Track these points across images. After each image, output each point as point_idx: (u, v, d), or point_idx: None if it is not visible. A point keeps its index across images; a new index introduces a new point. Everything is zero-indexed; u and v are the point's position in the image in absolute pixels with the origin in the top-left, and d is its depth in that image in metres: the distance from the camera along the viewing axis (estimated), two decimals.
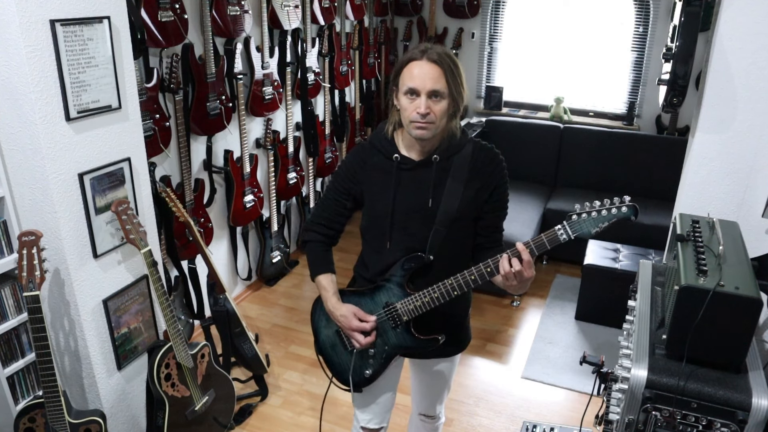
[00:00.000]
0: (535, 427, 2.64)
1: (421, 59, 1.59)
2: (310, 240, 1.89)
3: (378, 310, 1.79)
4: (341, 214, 1.85)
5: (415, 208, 1.72)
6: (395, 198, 1.71)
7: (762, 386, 1.49)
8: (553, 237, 1.55)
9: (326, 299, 1.82)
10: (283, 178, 3.99)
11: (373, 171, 1.75)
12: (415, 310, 1.73)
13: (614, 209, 1.52)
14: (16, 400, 2.26)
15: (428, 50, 1.59)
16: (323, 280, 1.84)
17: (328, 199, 1.85)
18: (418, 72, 1.58)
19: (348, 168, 1.79)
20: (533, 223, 4.11)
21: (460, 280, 1.65)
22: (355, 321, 1.76)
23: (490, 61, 5.30)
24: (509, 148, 4.94)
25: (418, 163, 1.71)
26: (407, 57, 1.62)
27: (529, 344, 3.51)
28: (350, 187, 1.79)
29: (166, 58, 2.88)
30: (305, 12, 3.89)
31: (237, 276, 3.85)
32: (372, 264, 1.83)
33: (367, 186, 1.76)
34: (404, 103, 1.62)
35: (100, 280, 2.27)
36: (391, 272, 1.76)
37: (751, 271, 1.58)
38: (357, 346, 1.78)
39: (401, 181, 1.71)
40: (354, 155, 1.80)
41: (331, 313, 1.81)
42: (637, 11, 4.68)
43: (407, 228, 1.73)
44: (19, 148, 2.02)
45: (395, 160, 1.71)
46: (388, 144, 1.74)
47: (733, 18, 2.06)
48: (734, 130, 2.16)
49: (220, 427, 2.66)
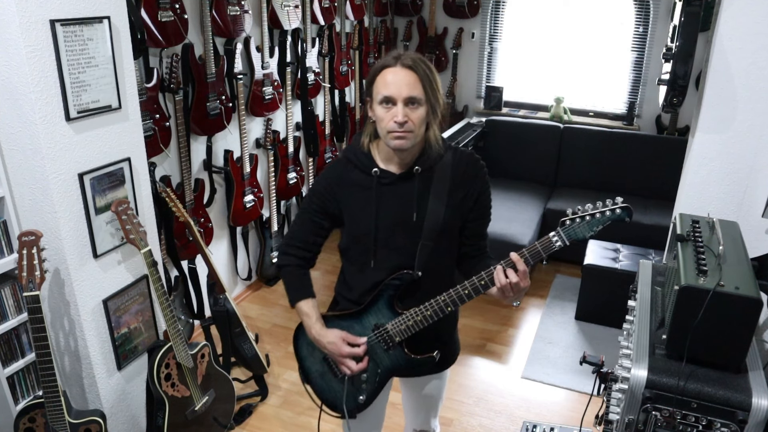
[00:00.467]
0: (535, 427, 2.64)
1: (395, 65, 1.52)
2: (286, 264, 1.77)
3: (367, 332, 1.70)
4: (318, 235, 1.74)
5: (399, 223, 1.63)
6: (378, 214, 1.63)
7: (762, 386, 1.49)
8: (548, 245, 1.50)
9: (310, 326, 1.73)
10: (283, 178, 3.99)
11: (352, 187, 1.65)
12: (407, 330, 1.65)
13: (608, 212, 1.47)
14: (16, 400, 2.26)
15: (402, 56, 1.53)
16: (304, 306, 1.74)
17: (304, 220, 1.74)
18: (392, 78, 1.51)
19: (324, 186, 1.69)
20: (533, 223, 4.11)
21: (454, 296, 1.59)
22: (345, 347, 1.68)
23: (490, 61, 5.30)
24: (509, 148, 5.00)
25: (398, 176, 1.62)
26: (380, 64, 1.54)
27: (529, 344, 3.51)
28: (327, 206, 1.69)
29: (166, 58, 2.88)
30: (305, 12, 3.89)
31: (237, 276, 3.85)
32: (356, 284, 1.73)
33: (346, 204, 1.67)
34: (380, 113, 1.54)
35: (100, 280, 2.27)
36: (379, 292, 1.68)
37: (751, 271, 1.58)
38: (348, 373, 1.70)
39: (382, 196, 1.63)
40: (329, 172, 1.70)
41: (317, 341, 1.72)
42: (637, 11, 4.68)
43: (392, 244, 1.65)
44: (19, 148, 2.02)
45: (374, 174, 1.62)
46: (365, 158, 1.64)
47: (733, 18, 2.06)
48: (734, 130, 2.16)
49: (220, 427, 2.65)
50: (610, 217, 1.47)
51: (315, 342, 1.73)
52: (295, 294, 1.76)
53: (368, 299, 1.70)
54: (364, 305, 1.71)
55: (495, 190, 4.54)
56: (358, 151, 1.65)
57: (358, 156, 1.65)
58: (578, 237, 1.48)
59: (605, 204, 1.48)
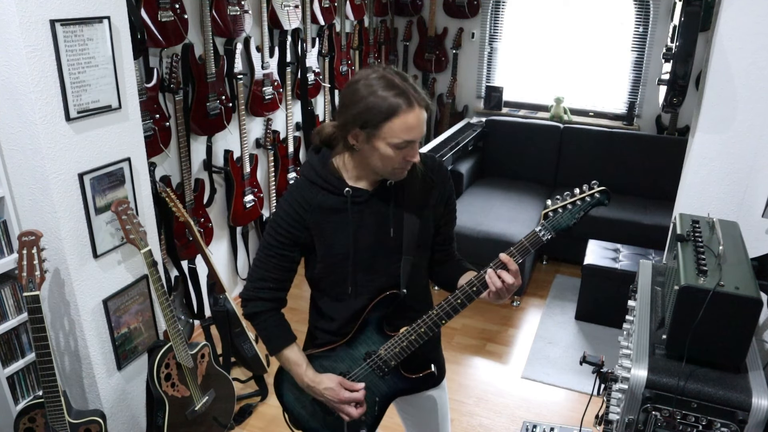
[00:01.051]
0: (535, 427, 2.64)
1: (414, 107, 1.36)
2: (259, 311, 1.59)
3: (358, 364, 1.60)
4: (290, 270, 1.58)
5: (378, 243, 1.53)
6: (355, 236, 1.51)
7: (762, 386, 1.49)
8: (536, 239, 1.44)
9: (300, 375, 1.59)
10: (283, 178, 3.99)
11: (322, 212, 1.50)
12: (402, 352, 1.55)
13: (588, 197, 1.43)
14: (16, 400, 2.26)
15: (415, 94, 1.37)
16: (290, 354, 1.60)
17: (270, 257, 1.55)
18: (415, 123, 1.37)
19: (289, 214, 1.51)
20: (533, 223, 4.10)
21: (446, 308, 1.50)
22: (344, 392, 1.55)
23: (490, 61, 5.30)
24: (509, 148, 5.00)
25: (372, 193, 1.51)
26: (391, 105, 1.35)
27: (529, 344, 3.51)
28: (297, 236, 1.52)
29: (166, 58, 2.88)
30: (305, 12, 3.89)
31: (237, 276, 3.85)
32: (334, 314, 1.61)
33: (318, 230, 1.51)
34: (388, 152, 1.39)
35: (100, 280, 2.27)
36: (365, 319, 1.57)
37: (751, 271, 1.58)
38: (347, 419, 1.58)
39: (357, 216, 1.51)
40: (292, 199, 1.52)
41: (311, 389, 1.58)
42: (637, 11, 4.68)
43: (372, 266, 1.55)
44: (19, 148, 2.02)
45: (347, 194, 1.49)
46: (332, 178, 1.50)
47: (733, 18, 2.06)
48: (734, 130, 2.16)
49: (220, 427, 2.65)
50: (591, 202, 1.44)
51: (308, 390, 1.60)
52: (277, 342, 1.61)
53: (352, 328, 1.59)
54: (351, 336, 1.59)
55: (495, 190, 4.60)
56: (322, 172, 1.50)
57: (323, 176, 1.50)
58: (562, 227, 1.44)
59: (583, 190, 1.45)
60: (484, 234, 3.91)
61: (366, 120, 1.37)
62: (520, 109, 5.25)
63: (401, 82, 1.38)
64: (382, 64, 1.44)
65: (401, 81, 1.38)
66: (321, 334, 1.66)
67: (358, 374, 1.61)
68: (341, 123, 1.43)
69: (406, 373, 1.62)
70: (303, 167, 1.57)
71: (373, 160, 1.43)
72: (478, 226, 3.97)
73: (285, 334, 1.62)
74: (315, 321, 1.69)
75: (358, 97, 1.38)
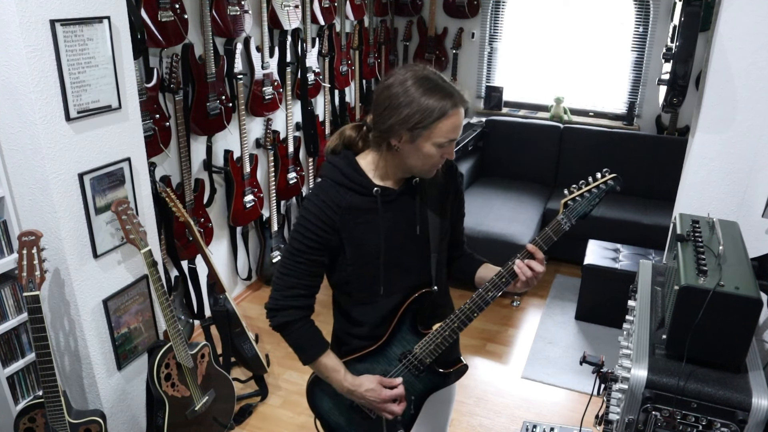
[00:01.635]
0: (535, 427, 2.64)
1: (459, 107, 1.41)
2: (291, 321, 1.55)
3: (393, 364, 1.60)
4: (319, 275, 1.56)
5: (407, 241, 1.55)
6: (385, 236, 1.51)
7: (762, 386, 1.49)
8: (558, 228, 1.50)
9: (340, 380, 1.56)
10: (283, 178, 3.99)
11: (351, 213, 1.49)
12: (437, 349, 1.57)
13: (602, 184, 1.52)
14: (16, 400, 2.26)
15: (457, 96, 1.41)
16: (327, 361, 1.57)
17: (299, 263, 1.51)
18: (460, 122, 1.42)
19: (319, 218, 1.48)
20: (533, 223, 4.11)
21: (479, 302, 1.52)
22: (385, 391, 1.55)
23: (490, 61, 5.30)
24: (509, 148, 5.01)
25: (399, 192, 1.53)
26: (441, 108, 1.38)
27: (529, 344, 3.51)
28: (327, 239, 1.49)
29: (166, 58, 2.88)
30: (305, 12, 3.89)
31: (237, 276, 3.85)
32: (365, 318, 1.60)
33: (347, 232, 1.49)
34: (431, 151, 1.42)
35: (100, 280, 2.27)
36: (399, 320, 1.58)
37: (751, 271, 1.57)
38: (390, 417, 1.58)
39: (386, 215, 1.51)
40: (319, 202, 1.48)
41: (352, 393, 1.56)
42: (637, 11, 4.68)
43: (402, 265, 1.56)
44: (19, 148, 2.02)
45: (376, 194, 1.50)
46: (360, 178, 1.50)
47: (733, 18, 2.06)
48: (734, 130, 2.16)
49: (220, 427, 2.65)
50: (605, 189, 1.51)
51: (349, 395, 1.58)
52: (313, 351, 1.57)
53: (385, 330, 1.59)
54: (386, 338, 1.59)
55: (495, 190, 4.60)
56: (349, 172, 1.50)
57: (351, 177, 1.50)
58: (581, 214, 1.51)
59: (596, 178, 1.53)
60: (484, 234, 3.91)
61: (416, 122, 1.38)
62: (520, 109, 5.25)
63: (443, 83, 1.41)
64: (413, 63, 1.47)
65: (443, 81, 1.41)
66: (351, 339, 1.64)
67: (394, 375, 1.61)
68: (386, 126, 1.42)
69: (441, 369, 1.65)
70: (325, 169, 1.54)
71: (412, 159, 1.45)
72: (478, 226, 3.97)
73: (319, 341, 1.58)
74: (344, 327, 1.66)
75: (404, 101, 1.39)
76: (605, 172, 1.52)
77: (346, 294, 1.61)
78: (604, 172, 1.52)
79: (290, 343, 1.58)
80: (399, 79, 1.41)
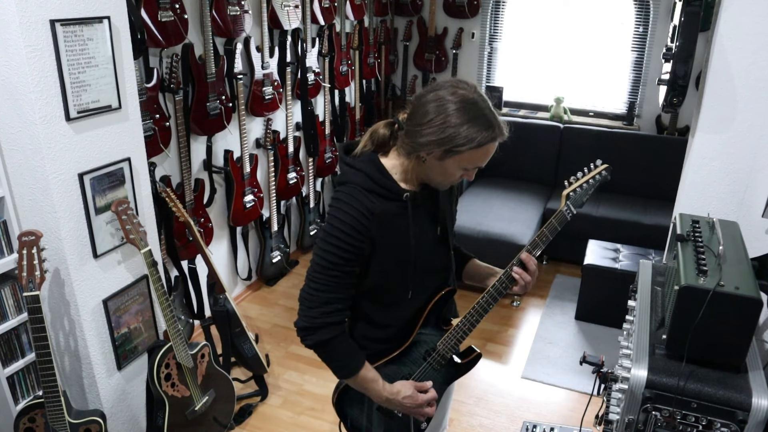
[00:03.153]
0: (535, 427, 2.64)
1: (497, 140, 1.42)
2: (330, 338, 1.48)
3: (418, 363, 1.62)
4: (353, 286, 1.50)
5: (432, 242, 1.57)
6: (415, 240, 1.50)
7: (762, 386, 1.49)
8: (562, 218, 1.54)
9: (379, 391, 1.53)
10: (283, 178, 3.99)
11: (383, 219, 1.44)
12: (457, 343, 1.61)
13: (597, 175, 1.59)
14: (16, 400, 2.26)
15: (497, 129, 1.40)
16: (366, 373, 1.52)
17: (333, 277, 1.44)
18: (492, 151, 1.44)
19: (354, 228, 1.41)
20: (533, 223, 4.11)
21: (493, 292, 1.56)
22: (421, 396, 1.57)
23: (490, 61, 5.30)
24: (509, 148, 4.94)
25: (423, 194, 1.53)
26: (480, 139, 1.37)
27: (529, 344, 3.51)
28: (363, 249, 1.44)
29: (166, 58, 2.88)
30: (305, 12, 3.89)
31: (237, 276, 3.85)
32: (392, 321, 1.58)
33: (380, 239, 1.45)
34: (455, 172, 1.43)
35: (100, 280, 2.27)
36: (424, 320, 1.60)
37: (751, 271, 1.58)
38: (423, 417, 1.61)
39: (415, 219, 1.50)
40: (352, 210, 1.42)
41: (390, 402, 1.55)
42: (637, 11, 4.68)
43: (430, 266, 1.57)
44: (19, 148, 2.02)
45: (407, 199, 1.47)
46: (390, 183, 1.46)
47: (733, 18, 2.06)
48: (734, 130, 2.16)
49: (220, 427, 2.65)
50: (600, 180, 1.60)
51: (388, 404, 1.56)
52: (353, 366, 1.51)
53: (411, 332, 1.60)
54: (411, 339, 1.60)
55: (495, 190, 4.60)
56: (379, 178, 1.45)
57: (380, 183, 1.45)
58: (578, 204, 1.58)
59: (591, 169, 1.61)
60: (484, 234, 3.91)
61: (454, 146, 1.37)
62: (520, 109, 5.25)
63: (489, 112, 1.39)
64: (464, 81, 1.41)
65: (489, 110, 1.39)
66: (373, 344, 1.60)
67: (420, 374, 1.63)
68: (422, 141, 1.39)
69: (461, 360, 1.69)
70: (352, 175, 1.47)
71: (434, 174, 1.45)
72: (478, 226, 3.97)
73: (357, 354, 1.53)
74: (366, 332, 1.61)
75: (447, 122, 1.36)
76: (598, 162, 1.62)
77: (374, 300, 1.57)
78: (596, 163, 1.62)
79: (328, 359, 1.52)
80: (446, 96, 1.37)
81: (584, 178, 1.59)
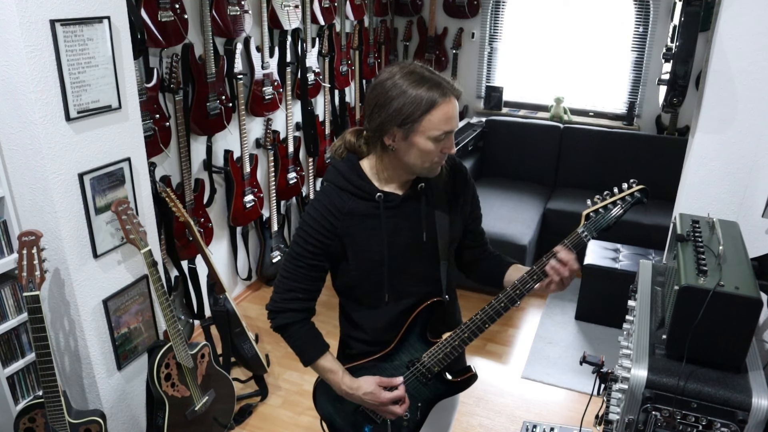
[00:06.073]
0: (535, 427, 2.64)
1: (449, 97, 1.37)
2: (289, 323, 1.55)
3: (401, 372, 1.59)
4: (319, 279, 1.54)
5: (411, 247, 1.52)
6: (388, 242, 1.49)
7: (762, 386, 1.49)
8: (578, 240, 1.47)
9: (338, 383, 1.55)
10: (283, 178, 3.99)
11: (353, 218, 1.47)
12: (446, 357, 1.55)
13: (627, 196, 1.47)
14: (16, 400, 2.26)
15: (447, 85, 1.37)
16: (325, 363, 1.56)
17: (299, 267, 1.51)
18: (452, 112, 1.37)
19: (320, 223, 1.47)
20: (533, 223, 4.11)
21: (497, 306, 1.49)
22: (384, 394, 1.53)
23: (490, 61, 5.30)
24: (509, 148, 5.00)
25: (403, 197, 1.50)
26: (429, 99, 1.34)
27: (529, 344, 3.51)
28: (328, 245, 1.48)
29: (166, 58, 2.88)
30: (305, 12, 3.89)
31: (237, 276, 3.85)
32: (370, 323, 1.59)
33: (350, 237, 1.48)
34: (427, 147, 1.39)
35: (100, 280, 2.27)
36: (408, 327, 1.57)
37: (751, 271, 1.57)
38: (393, 417, 1.58)
39: (390, 221, 1.49)
40: (321, 206, 1.47)
41: (351, 396, 1.55)
42: (637, 11, 4.68)
43: (408, 271, 1.54)
44: (19, 148, 2.02)
45: (379, 199, 1.47)
46: (362, 182, 1.47)
47: (733, 18, 2.06)
48: (734, 130, 2.16)
49: (220, 427, 2.65)
50: (631, 202, 1.46)
51: (347, 397, 1.57)
52: (311, 353, 1.57)
53: (391, 336, 1.58)
54: (394, 345, 1.58)
55: (495, 190, 4.60)
56: (351, 177, 1.48)
57: (353, 182, 1.47)
58: (603, 227, 1.47)
59: (622, 189, 1.47)
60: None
61: (405, 116, 1.36)
62: (520, 109, 5.25)
63: (431, 75, 1.38)
64: (403, 60, 1.44)
65: (430, 73, 1.38)
66: (355, 343, 1.63)
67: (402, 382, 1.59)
68: (376, 125, 1.40)
69: (451, 377, 1.64)
70: (330, 174, 1.51)
71: (410, 157, 1.42)
72: None
73: (318, 343, 1.57)
74: (348, 331, 1.65)
75: (391, 96, 1.37)
76: (632, 183, 1.47)
77: (352, 299, 1.60)
78: (630, 183, 1.47)
79: (290, 344, 1.58)
80: (388, 75, 1.39)
81: (611, 198, 1.46)
